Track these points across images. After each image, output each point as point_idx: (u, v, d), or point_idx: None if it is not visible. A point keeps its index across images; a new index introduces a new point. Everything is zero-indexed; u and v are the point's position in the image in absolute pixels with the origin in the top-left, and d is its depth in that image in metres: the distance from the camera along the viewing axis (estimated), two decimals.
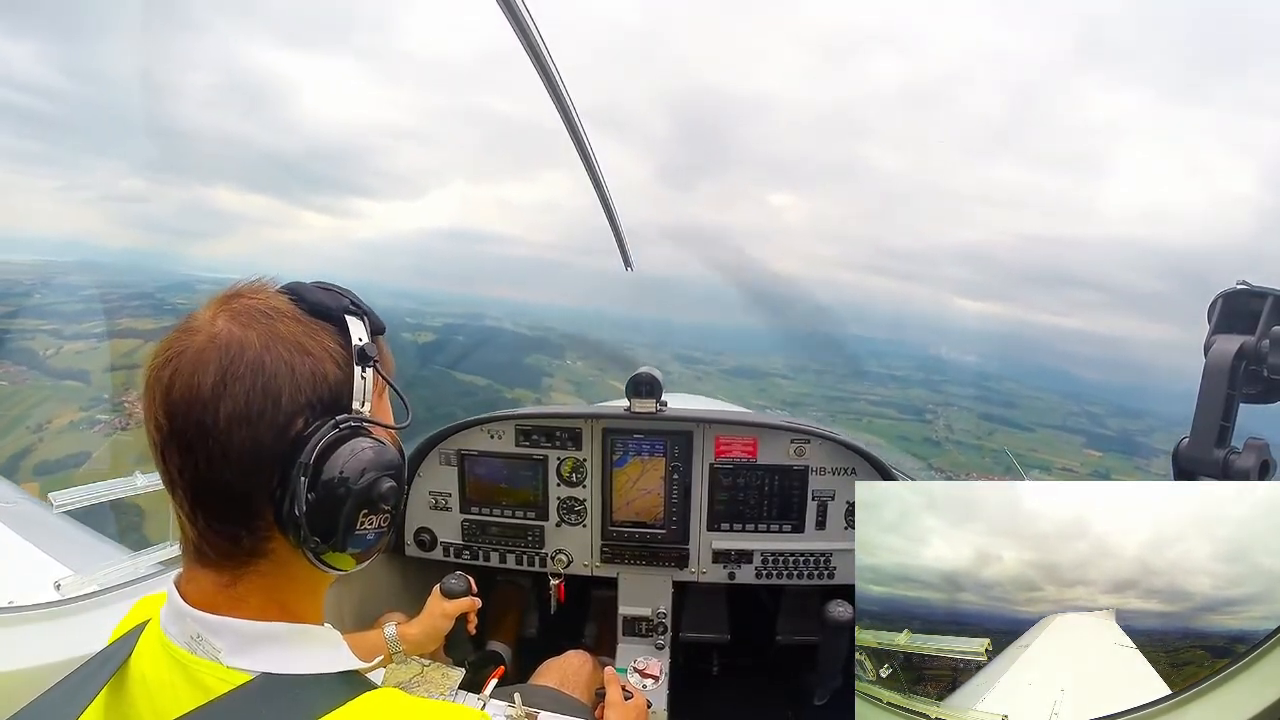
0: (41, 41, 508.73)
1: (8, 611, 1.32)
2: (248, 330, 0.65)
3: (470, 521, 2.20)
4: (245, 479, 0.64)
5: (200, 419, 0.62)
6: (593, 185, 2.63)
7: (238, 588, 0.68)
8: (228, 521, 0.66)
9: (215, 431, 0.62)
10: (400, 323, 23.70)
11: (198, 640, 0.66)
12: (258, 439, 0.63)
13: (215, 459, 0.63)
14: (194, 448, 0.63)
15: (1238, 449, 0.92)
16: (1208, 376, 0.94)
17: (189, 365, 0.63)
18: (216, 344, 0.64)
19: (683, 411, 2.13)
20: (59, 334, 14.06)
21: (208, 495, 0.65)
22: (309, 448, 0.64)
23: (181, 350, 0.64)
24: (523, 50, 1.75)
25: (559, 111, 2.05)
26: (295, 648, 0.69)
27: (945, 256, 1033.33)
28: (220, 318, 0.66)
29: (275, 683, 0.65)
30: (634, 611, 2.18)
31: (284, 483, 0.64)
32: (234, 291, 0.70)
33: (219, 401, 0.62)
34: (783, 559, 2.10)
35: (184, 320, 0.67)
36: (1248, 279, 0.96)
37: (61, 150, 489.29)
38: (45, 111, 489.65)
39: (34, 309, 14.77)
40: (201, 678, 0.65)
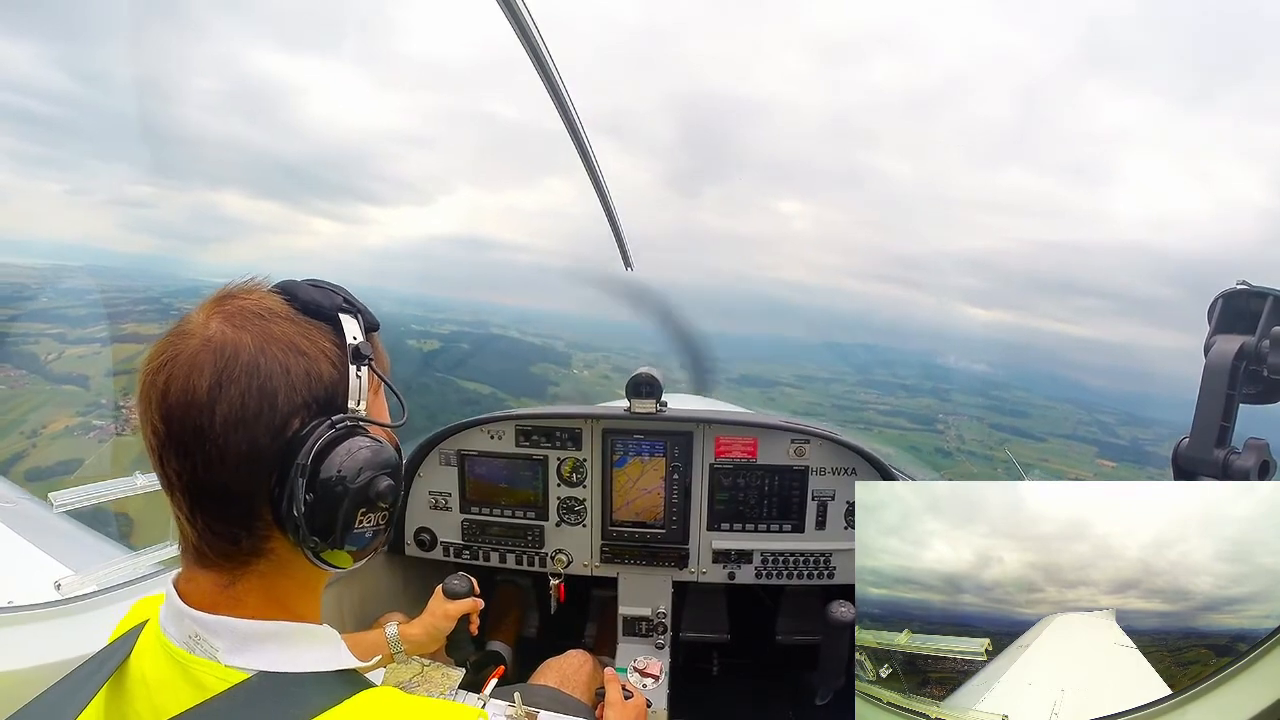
0: (41, 41, 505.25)
1: (8, 611, 1.32)
2: (241, 332, 0.65)
3: (470, 521, 2.20)
4: (243, 480, 0.64)
5: (197, 423, 0.62)
6: (592, 185, 2.63)
7: (237, 587, 0.68)
8: (227, 523, 0.66)
9: (212, 434, 0.62)
10: (407, 329, 23.61)
11: (196, 640, 0.67)
12: (255, 440, 0.63)
13: (213, 461, 0.63)
14: (191, 451, 0.63)
15: (1238, 449, 0.92)
16: (1208, 377, 0.93)
17: (183, 369, 0.63)
18: (211, 347, 0.63)
19: (683, 412, 2.13)
20: (63, 338, 13.93)
21: (206, 497, 0.65)
22: (306, 448, 0.64)
23: (176, 354, 0.64)
24: (523, 51, 1.75)
25: (557, 107, 2.04)
26: (293, 646, 0.69)
27: (952, 264, 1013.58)
28: (214, 320, 0.65)
29: (272, 681, 0.65)
30: (634, 611, 2.18)
31: (282, 483, 0.64)
32: (226, 293, 0.69)
33: (215, 405, 0.62)
34: (783, 559, 2.10)
35: (177, 323, 0.67)
36: (1248, 279, 0.96)
37: (67, 154, 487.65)
38: (48, 114, 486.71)
39: (39, 312, 14.63)
40: (200, 676, 0.65)
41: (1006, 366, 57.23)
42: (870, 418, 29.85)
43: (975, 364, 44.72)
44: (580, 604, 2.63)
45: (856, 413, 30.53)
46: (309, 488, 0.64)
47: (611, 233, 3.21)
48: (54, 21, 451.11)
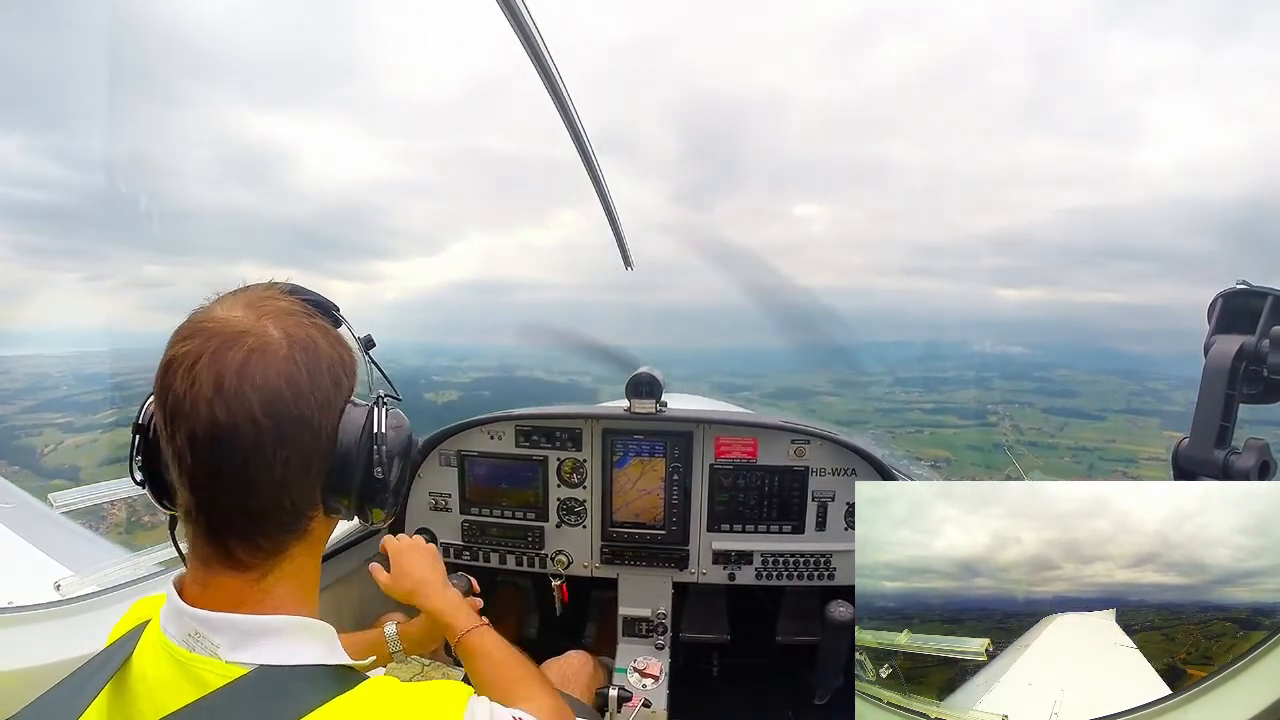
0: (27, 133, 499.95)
1: (8, 611, 1.32)
2: (302, 328, 0.71)
3: (470, 522, 2.20)
4: (324, 459, 0.71)
5: (300, 412, 0.67)
6: (592, 184, 2.63)
7: (268, 580, 0.71)
8: (289, 511, 0.71)
9: (313, 421, 0.69)
10: (428, 381, 23.16)
11: (196, 638, 0.67)
12: (333, 422, 0.71)
13: (307, 448, 0.69)
14: (288, 440, 0.67)
15: (1238, 449, 0.92)
16: (1208, 376, 0.94)
17: (276, 360, 0.66)
18: (291, 339, 0.69)
19: (683, 412, 2.13)
20: (69, 427, 13.64)
21: (281, 489, 0.69)
22: (372, 421, 0.74)
23: (262, 346, 0.66)
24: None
25: (556, 105, 2.03)
26: (293, 640, 0.70)
27: (982, 246, 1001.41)
28: (266, 319, 0.69)
29: (270, 675, 0.66)
30: (634, 612, 2.18)
31: (349, 458, 0.72)
32: (258, 296, 0.73)
33: (313, 393, 0.69)
34: (783, 560, 2.09)
35: (215, 322, 0.67)
36: (1248, 279, 0.96)
37: (78, 241, 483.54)
38: (49, 203, 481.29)
39: (54, 401, 14.44)
40: (200, 674, 0.66)
41: (1044, 346, 55.82)
42: (917, 419, 28.94)
43: (1012, 347, 43.73)
44: (580, 604, 2.63)
45: (901, 415, 29.68)
46: (384, 455, 0.74)
47: (611, 232, 3.21)
48: (35, 111, 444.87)
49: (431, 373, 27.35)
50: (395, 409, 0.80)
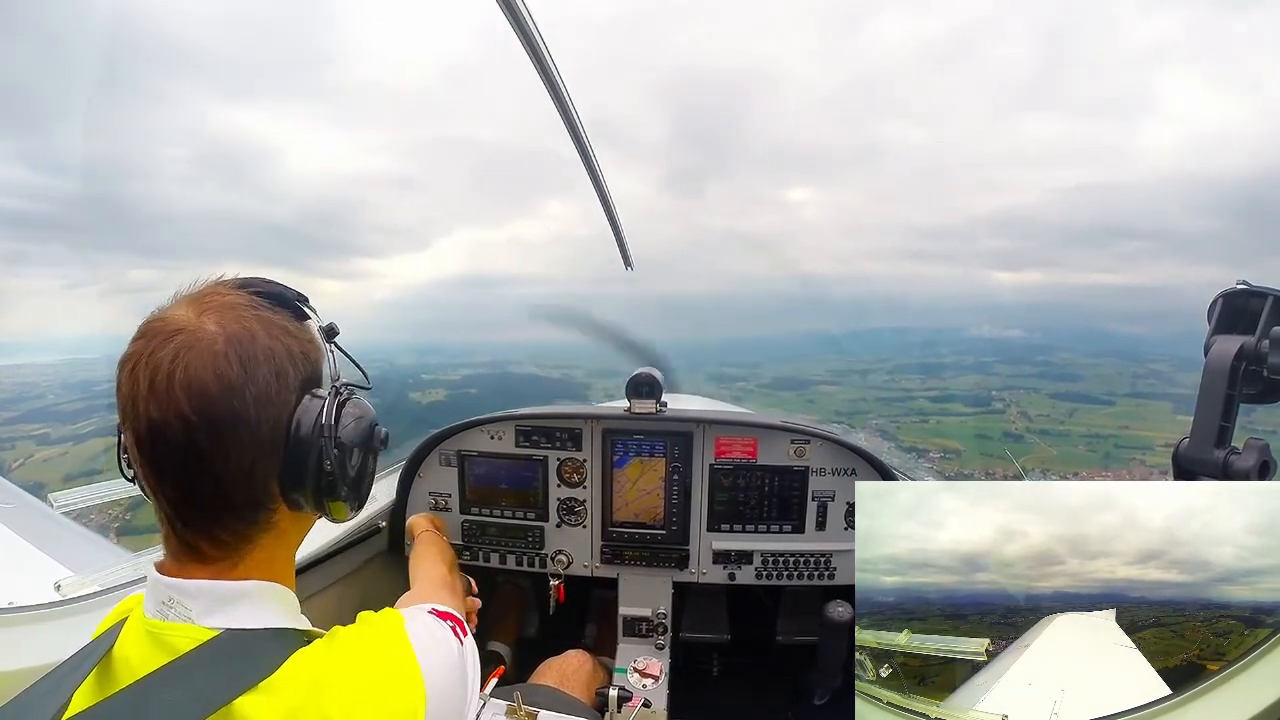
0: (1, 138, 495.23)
1: (8, 612, 1.32)
2: (243, 321, 0.70)
3: (470, 522, 2.20)
4: (268, 456, 0.70)
5: (231, 406, 0.66)
6: (591, 182, 2.63)
7: (239, 570, 0.72)
8: (246, 506, 0.71)
9: (246, 416, 0.67)
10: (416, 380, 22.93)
11: (169, 604, 0.69)
12: (278, 417, 0.70)
13: (244, 443, 0.67)
14: (223, 435, 0.66)
15: (1238, 449, 0.92)
16: (1207, 377, 0.93)
17: (205, 356, 0.66)
18: (226, 334, 0.67)
19: (683, 412, 2.13)
20: (45, 439, 13.27)
21: (228, 484, 0.68)
22: (323, 413, 0.72)
23: (191, 344, 0.66)
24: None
25: (553, 99, 2.03)
26: (264, 604, 0.72)
27: (981, 228, 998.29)
28: (206, 315, 0.68)
29: (239, 637, 0.68)
30: (634, 612, 2.18)
31: (300, 451, 0.71)
32: (203, 292, 0.73)
33: (246, 387, 0.67)
34: (783, 560, 2.10)
35: (159, 322, 0.68)
36: (1248, 279, 0.96)
37: (62, 249, 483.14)
38: (30, 211, 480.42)
39: (36, 411, 14.17)
40: (171, 640, 0.67)
41: (1042, 329, 55.00)
42: (921, 406, 27.93)
43: (1010, 331, 43.22)
44: (580, 604, 2.63)
45: (904, 404, 28.66)
46: (335, 447, 0.72)
47: (611, 232, 3.22)
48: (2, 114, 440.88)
49: (422, 371, 27.04)
50: (358, 399, 0.79)
